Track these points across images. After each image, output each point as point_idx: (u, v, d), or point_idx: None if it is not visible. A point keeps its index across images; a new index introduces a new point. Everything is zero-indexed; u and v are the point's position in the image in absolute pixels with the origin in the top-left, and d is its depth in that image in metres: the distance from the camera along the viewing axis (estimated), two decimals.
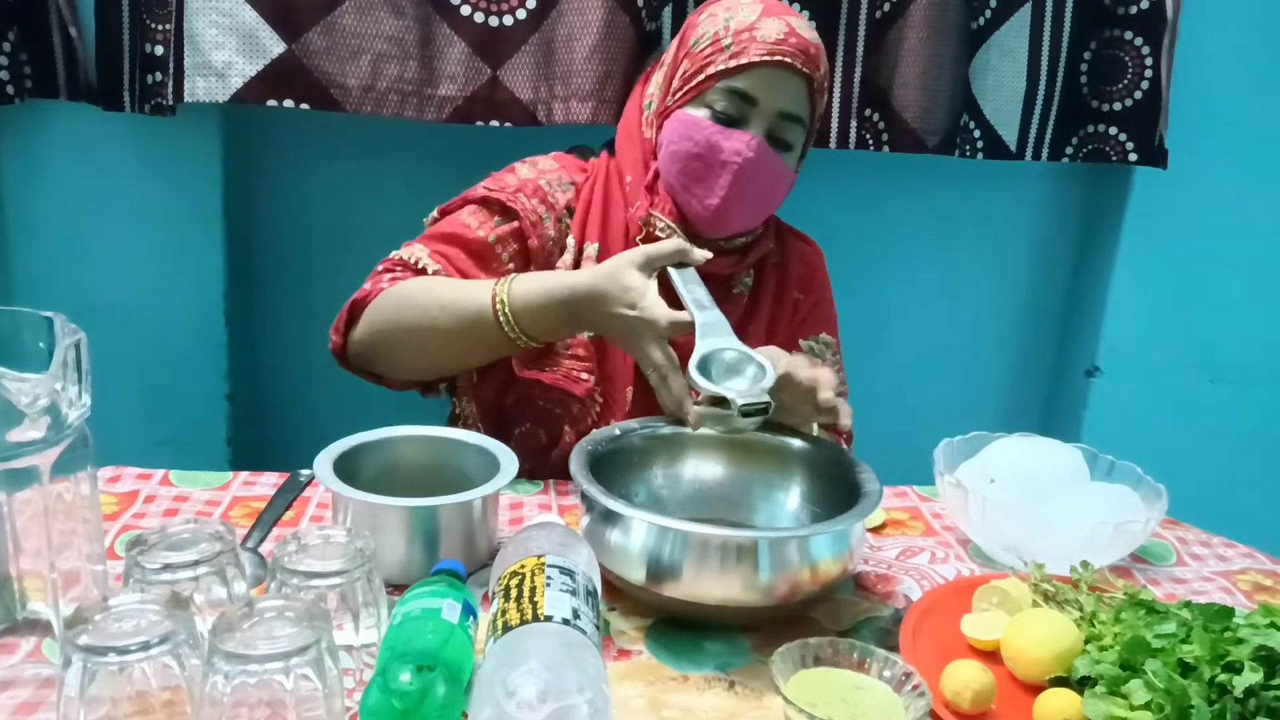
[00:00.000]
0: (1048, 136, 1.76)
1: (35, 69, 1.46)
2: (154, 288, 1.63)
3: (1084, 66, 1.75)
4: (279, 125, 1.58)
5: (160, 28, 1.43)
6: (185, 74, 1.40)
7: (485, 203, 1.17)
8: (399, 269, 1.13)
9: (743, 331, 1.21)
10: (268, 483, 1.04)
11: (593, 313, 1.00)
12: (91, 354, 0.71)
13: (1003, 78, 1.70)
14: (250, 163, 1.66)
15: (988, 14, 1.66)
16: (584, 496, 0.86)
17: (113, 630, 0.60)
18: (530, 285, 1.03)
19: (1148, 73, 1.71)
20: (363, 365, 1.15)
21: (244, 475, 1.06)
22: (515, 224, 1.16)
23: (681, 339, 0.97)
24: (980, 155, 1.73)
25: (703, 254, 1.02)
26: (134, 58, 1.47)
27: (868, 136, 1.67)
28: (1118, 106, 1.74)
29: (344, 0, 1.40)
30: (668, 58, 1.19)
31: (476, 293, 1.05)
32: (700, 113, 1.12)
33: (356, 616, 0.74)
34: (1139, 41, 1.70)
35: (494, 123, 1.49)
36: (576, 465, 0.87)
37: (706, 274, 1.18)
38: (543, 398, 1.16)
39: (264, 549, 0.89)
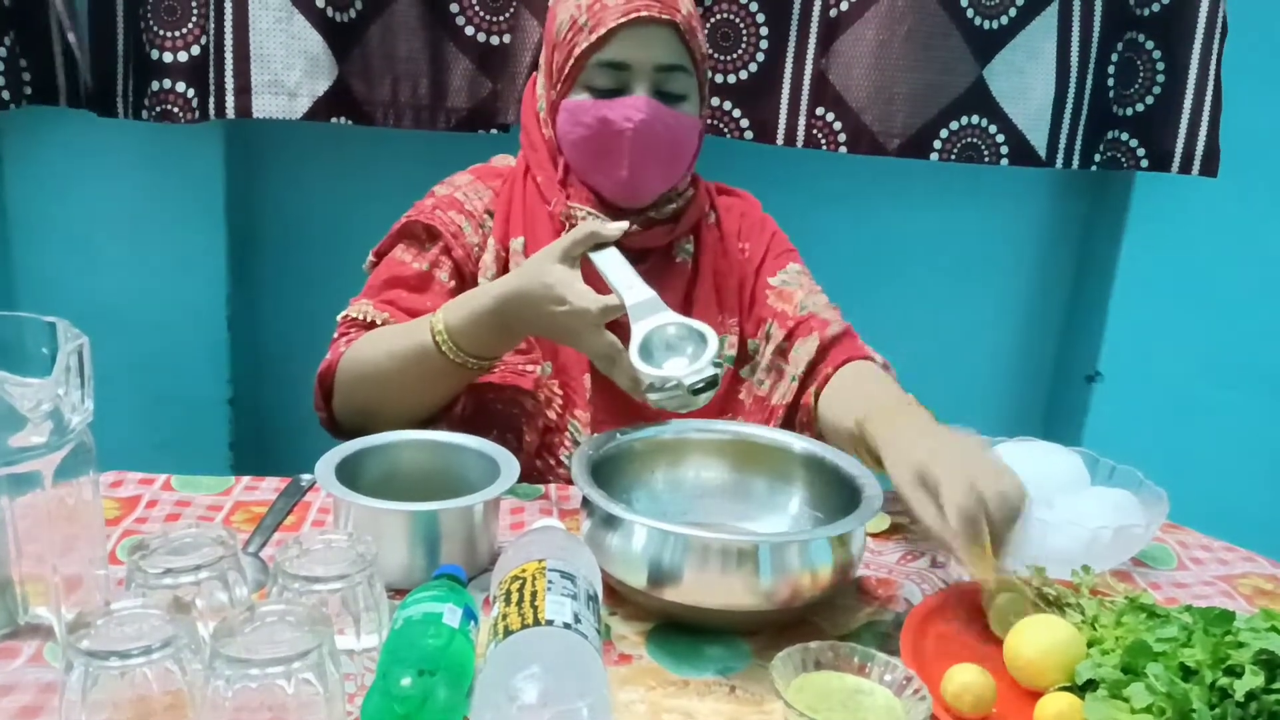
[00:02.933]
0: (1078, 143, 1.73)
1: (34, 75, 1.47)
2: (156, 292, 1.63)
3: (1111, 69, 1.72)
4: (280, 130, 1.58)
5: (170, 35, 1.44)
6: (254, 91, 1.46)
7: (411, 231, 1.18)
8: (353, 329, 1.14)
9: (690, 298, 1.22)
10: (269, 488, 1.04)
11: (525, 316, 1.01)
12: (94, 358, 0.72)
13: (1031, 80, 1.67)
14: (252, 167, 1.67)
15: (1012, 13, 1.64)
16: (585, 501, 0.86)
17: (115, 634, 0.61)
18: (462, 308, 1.04)
19: (1159, 77, 1.69)
20: (356, 430, 1.13)
21: (246, 480, 1.06)
22: (441, 240, 1.17)
23: (622, 318, 0.97)
24: (1004, 161, 1.70)
25: (617, 227, 1.02)
26: (130, 63, 1.47)
27: (819, 136, 1.65)
28: (1129, 112, 1.72)
29: (372, 24, 1.50)
30: (542, 57, 1.20)
31: (417, 332, 1.06)
32: (582, 96, 1.13)
33: (358, 621, 0.74)
34: (1150, 45, 1.69)
35: (493, 131, 1.58)
36: (578, 469, 0.87)
37: (645, 247, 1.18)
38: (497, 400, 1.16)
39: (266, 554, 0.89)
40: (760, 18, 1.59)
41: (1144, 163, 1.73)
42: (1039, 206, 1.93)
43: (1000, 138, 1.68)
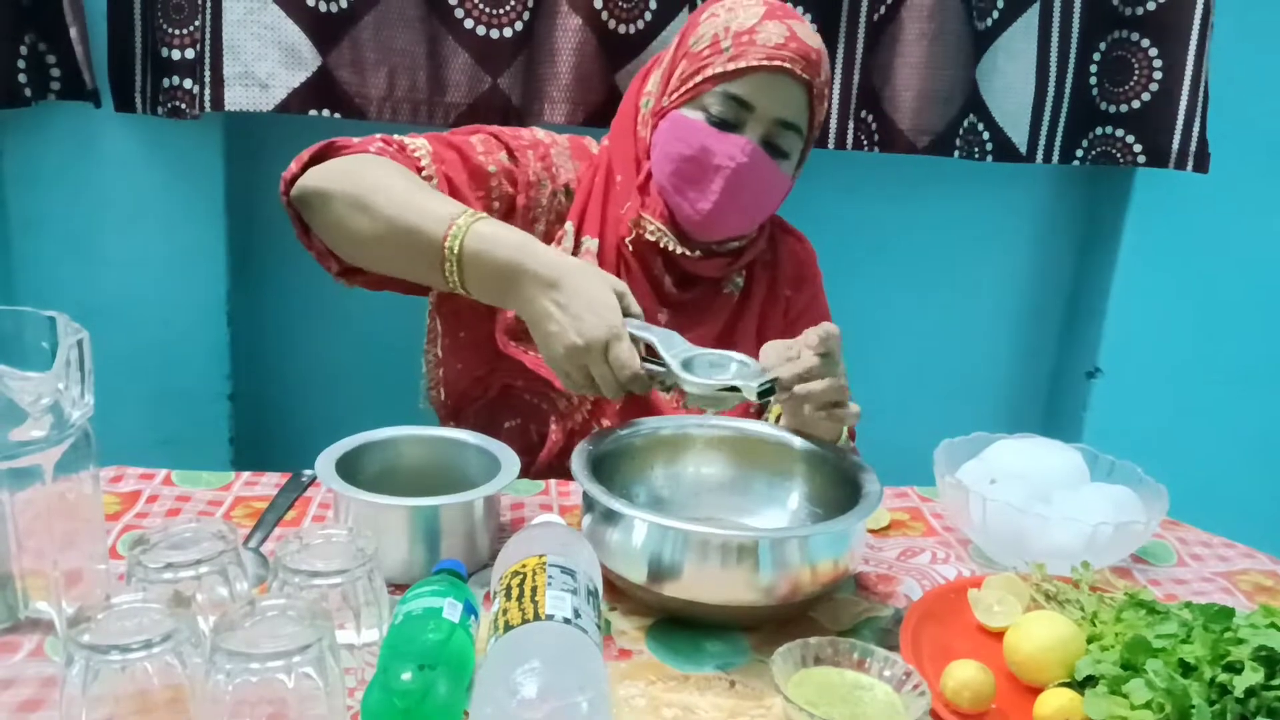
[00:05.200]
0: (1058, 139, 1.75)
1: (35, 71, 1.48)
2: (157, 288, 1.63)
3: (1093, 68, 1.74)
4: (281, 126, 1.58)
5: (178, 32, 1.45)
6: (225, 83, 1.44)
7: (497, 137, 1.15)
8: (393, 147, 1.07)
9: (732, 331, 1.22)
10: (270, 483, 1.04)
11: (543, 290, 0.92)
12: (94, 353, 0.72)
13: (1011, 80, 1.69)
14: (252, 163, 1.66)
15: (995, 15, 1.66)
16: (585, 496, 0.86)
17: (115, 629, 0.61)
18: (492, 240, 0.94)
19: (1156, 74, 1.70)
20: (299, 206, 1.07)
21: (246, 475, 1.06)
22: (516, 169, 1.14)
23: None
24: (990, 158, 1.72)
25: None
26: (146, 60, 1.48)
27: (862, 137, 1.68)
28: (1124, 108, 1.74)
29: (364, 16, 1.48)
30: (666, 56, 1.17)
31: (434, 217, 0.95)
32: (696, 115, 1.10)
33: (358, 615, 0.74)
34: (1146, 43, 1.70)
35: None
36: (578, 465, 0.87)
37: (697, 276, 1.18)
38: (527, 390, 1.14)
39: (266, 548, 0.89)
40: (814, 27, 1.59)
41: (1140, 159, 1.74)
42: (1039, 203, 1.93)
43: (986, 135, 1.72)
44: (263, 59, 1.44)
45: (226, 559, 0.72)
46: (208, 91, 1.45)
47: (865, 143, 1.68)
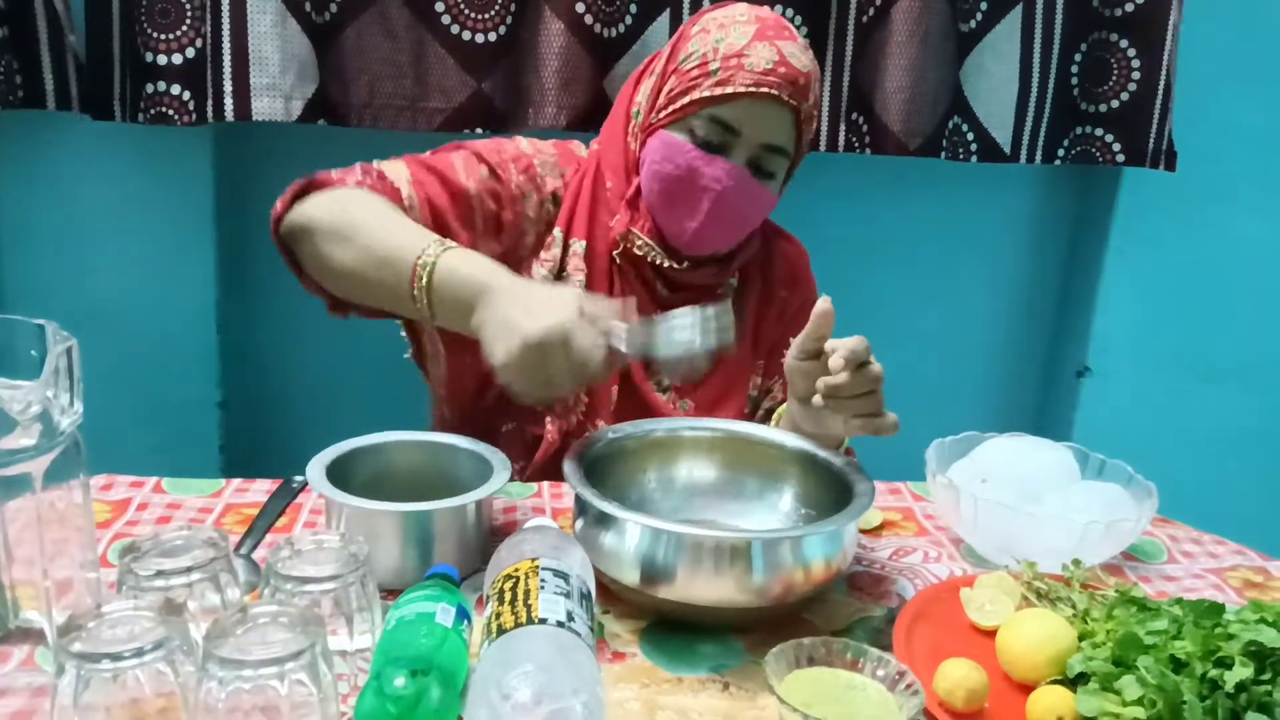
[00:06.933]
0: (1040, 139, 1.77)
1: (24, 78, 1.47)
2: (147, 295, 1.63)
3: (1074, 69, 1.76)
4: (270, 132, 1.58)
5: (164, 37, 1.44)
6: (253, 93, 1.47)
7: (478, 155, 1.15)
8: (372, 177, 1.08)
9: None
10: (261, 489, 1.04)
11: (509, 295, 0.90)
12: (84, 361, 0.71)
13: (996, 80, 1.71)
14: (242, 170, 1.66)
15: (979, 16, 1.67)
16: (577, 499, 0.86)
17: (106, 637, 0.60)
18: (475, 261, 0.95)
19: (1134, 74, 1.72)
20: (288, 244, 1.08)
21: (237, 482, 1.06)
22: (499, 186, 1.14)
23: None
24: (975, 158, 1.73)
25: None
26: (126, 66, 1.47)
27: (854, 140, 1.68)
28: (1104, 108, 1.75)
29: (346, 27, 1.50)
30: (657, 67, 1.17)
31: (412, 236, 0.98)
32: (683, 136, 1.10)
33: (351, 621, 0.74)
34: (1124, 44, 1.72)
35: (478, 130, 1.57)
36: (570, 468, 0.87)
37: (690, 284, 1.18)
38: None
39: (257, 555, 0.89)
40: (803, 30, 1.60)
41: (1120, 158, 1.76)
42: (1027, 204, 1.94)
43: (970, 136, 1.73)
44: (286, 71, 1.47)
45: (218, 566, 0.72)
46: (228, 102, 1.47)
47: (856, 145, 1.68)
